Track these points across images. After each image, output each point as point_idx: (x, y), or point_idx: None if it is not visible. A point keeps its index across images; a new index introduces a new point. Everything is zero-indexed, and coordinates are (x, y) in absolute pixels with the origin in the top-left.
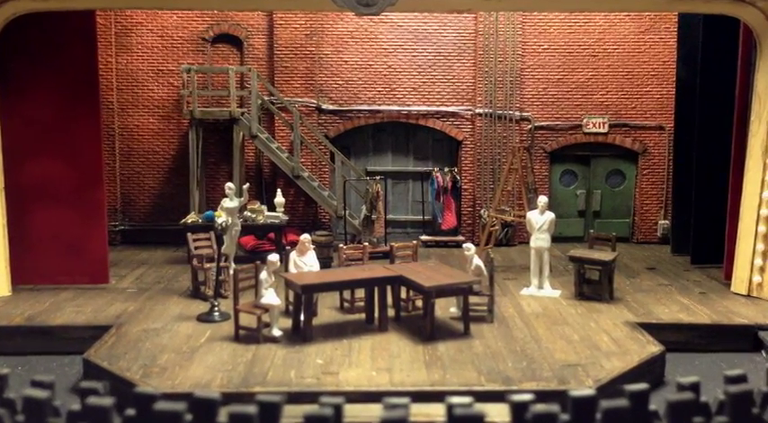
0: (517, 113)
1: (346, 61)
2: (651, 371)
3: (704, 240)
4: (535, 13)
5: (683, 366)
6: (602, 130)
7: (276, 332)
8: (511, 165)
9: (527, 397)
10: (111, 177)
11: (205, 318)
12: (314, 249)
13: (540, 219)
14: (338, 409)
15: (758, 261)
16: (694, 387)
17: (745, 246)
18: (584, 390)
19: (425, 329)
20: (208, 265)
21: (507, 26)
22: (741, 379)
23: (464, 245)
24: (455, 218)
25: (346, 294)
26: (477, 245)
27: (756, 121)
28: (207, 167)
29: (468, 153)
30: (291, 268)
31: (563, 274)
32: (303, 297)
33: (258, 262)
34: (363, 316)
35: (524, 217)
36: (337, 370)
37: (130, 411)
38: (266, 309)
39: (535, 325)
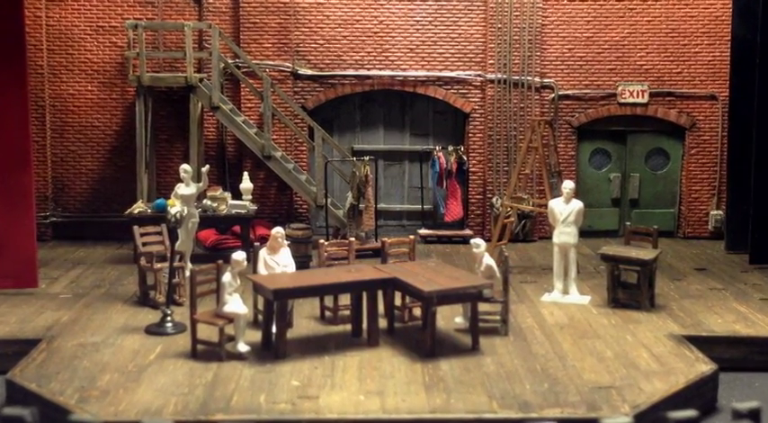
0: (537, 80)
1: (328, 16)
2: (701, 394)
3: (765, 235)
4: None
5: (739, 389)
6: (640, 101)
7: (242, 347)
8: (530, 142)
9: None
10: (41, 158)
11: (155, 330)
12: (288, 246)
13: (564, 209)
14: None
15: None
16: (754, 414)
17: None
18: (620, 417)
19: (425, 344)
20: (159, 266)
21: None
22: None
23: (472, 241)
24: (461, 208)
25: (328, 301)
26: (488, 241)
27: None
28: (158, 146)
29: (478, 128)
30: (261, 269)
31: (593, 277)
32: (275, 304)
33: (220, 261)
34: (349, 327)
35: (546, 206)
36: (317, 393)
37: None
38: (230, 319)
39: (559, 338)
